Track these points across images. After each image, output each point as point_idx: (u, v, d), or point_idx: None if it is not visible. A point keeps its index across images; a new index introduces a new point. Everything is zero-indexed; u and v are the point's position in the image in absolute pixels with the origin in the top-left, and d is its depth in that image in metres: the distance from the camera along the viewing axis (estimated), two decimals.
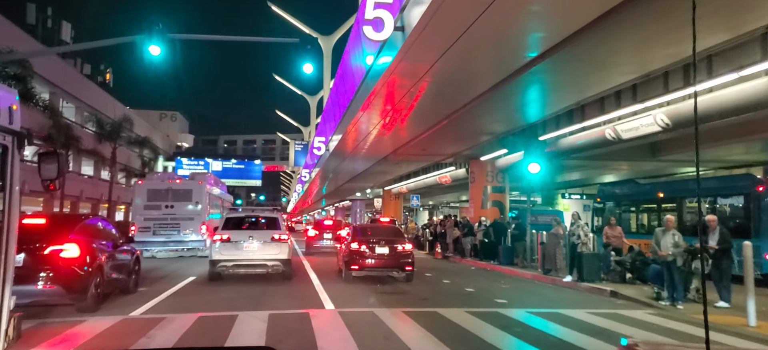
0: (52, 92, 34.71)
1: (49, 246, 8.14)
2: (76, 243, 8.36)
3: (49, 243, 8.17)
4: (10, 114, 4.27)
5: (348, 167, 28.85)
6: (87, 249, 8.57)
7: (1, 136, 4.14)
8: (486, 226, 20.11)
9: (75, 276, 8.19)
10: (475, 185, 23.39)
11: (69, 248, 8.27)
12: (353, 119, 18.54)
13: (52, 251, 8.13)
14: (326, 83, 40.61)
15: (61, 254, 8.16)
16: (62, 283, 8.03)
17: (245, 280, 13.04)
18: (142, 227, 18.77)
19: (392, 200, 42.02)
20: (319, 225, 24.35)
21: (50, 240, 8.21)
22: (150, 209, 19.08)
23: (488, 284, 13.95)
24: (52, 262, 8.05)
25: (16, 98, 4.49)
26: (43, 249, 8.05)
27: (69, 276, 8.12)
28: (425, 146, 20.33)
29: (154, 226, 18.86)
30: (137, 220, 19.16)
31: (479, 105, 14.99)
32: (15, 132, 4.31)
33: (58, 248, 8.18)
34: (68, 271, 8.14)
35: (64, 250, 8.20)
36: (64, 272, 8.09)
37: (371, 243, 13.08)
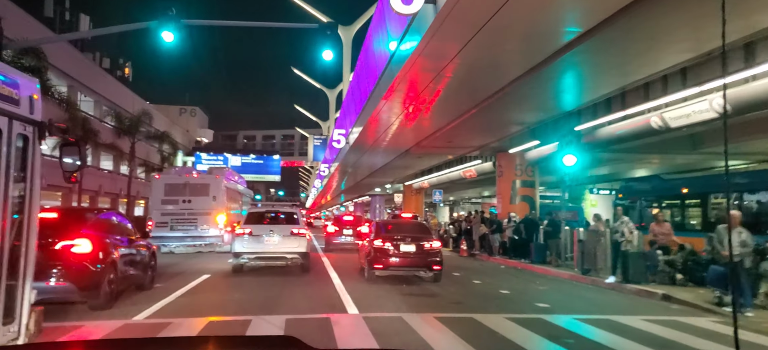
0: (70, 85, 34.39)
1: (61, 241, 7.78)
2: (88, 238, 8.05)
3: (60, 238, 7.80)
4: (31, 104, 4.16)
5: (368, 161, 27.92)
6: (100, 245, 8.29)
7: (22, 126, 4.03)
8: (516, 222, 19.00)
9: (87, 272, 7.88)
10: (502, 179, 22.24)
11: (81, 243, 7.94)
12: (375, 109, 17.58)
13: (64, 247, 7.79)
14: (346, 76, 39.69)
15: (73, 250, 7.84)
16: (74, 280, 7.73)
17: (262, 278, 12.65)
18: (159, 222, 18.43)
19: (413, 195, 40.98)
20: (338, 221, 23.45)
21: (61, 235, 7.85)
22: (167, 203, 18.75)
23: (523, 285, 12.88)
24: (64, 258, 7.72)
25: (37, 87, 4.36)
26: (53, 244, 7.66)
27: (81, 273, 7.81)
28: (450, 137, 19.27)
29: (171, 221, 18.53)
30: (154, 215, 18.86)
31: (511, 92, 13.93)
32: (36, 122, 4.21)
33: (69, 243, 7.85)
34: (80, 267, 7.82)
35: (75, 245, 7.88)
36: (75, 268, 7.77)
37: (396, 240, 12.10)
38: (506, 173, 21.98)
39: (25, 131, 4.10)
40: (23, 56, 23.04)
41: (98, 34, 23.25)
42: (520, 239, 18.07)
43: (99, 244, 8.26)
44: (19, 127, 4.07)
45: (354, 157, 26.80)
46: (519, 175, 21.66)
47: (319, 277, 13.33)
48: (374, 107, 17.46)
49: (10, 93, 3.97)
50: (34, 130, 4.21)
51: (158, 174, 22.73)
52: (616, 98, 15.16)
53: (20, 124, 4.07)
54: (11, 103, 3.97)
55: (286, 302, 9.63)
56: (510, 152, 21.05)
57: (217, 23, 16.71)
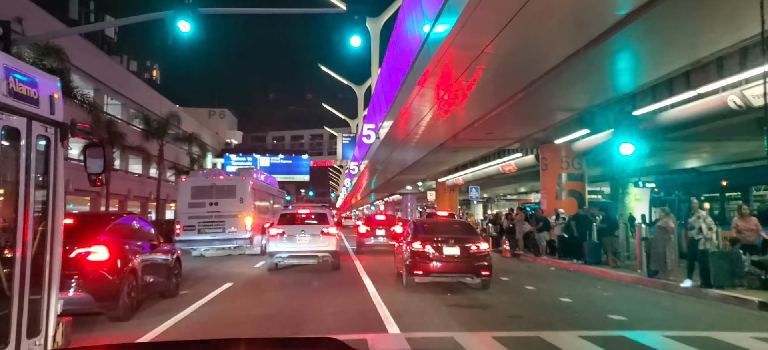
0: (97, 88, 34.01)
1: (76, 249, 7.33)
2: (105, 245, 7.63)
3: (75, 246, 7.34)
4: (51, 103, 4.00)
5: (399, 157, 26.53)
6: (118, 252, 7.88)
7: (43, 127, 3.88)
8: (565, 219, 17.34)
9: (104, 281, 7.46)
10: (547, 173, 20.56)
11: (97, 250, 7.52)
12: (407, 99, 16.21)
13: (79, 255, 7.35)
14: (374, 70, 38.39)
15: (89, 258, 7.43)
16: (90, 290, 7.30)
17: (289, 286, 11.77)
18: (186, 225, 18.10)
19: (446, 192, 39.42)
20: (370, 221, 22.12)
21: (77, 242, 7.39)
22: (194, 207, 18.34)
23: (584, 290, 11.30)
24: (79, 266, 7.29)
25: (58, 86, 4.19)
26: (69, 252, 7.10)
27: (97, 282, 7.39)
28: (490, 128, 17.72)
29: (198, 224, 18.11)
30: (182, 218, 18.41)
31: (558, 75, 12.43)
32: (57, 123, 4.06)
33: (85, 250, 7.42)
34: (96, 276, 7.41)
35: (91, 253, 7.46)
36: (91, 277, 7.37)
37: (438, 243, 10.67)
38: (551, 167, 20.29)
39: (46, 133, 3.92)
40: (45, 57, 22.48)
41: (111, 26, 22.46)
42: (570, 237, 16.41)
43: (117, 251, 7.84)
44: (40, 128, 3.86)
45: (384, 153, 25.45)
46: (565, 168, 19.95)
47: (351, 284, 12.03)
48: (406, 98, 16.09)
49: (28, 92, 3.79)
50: (56, 131, 4.01)
51: (185, 177, 22.43)
52: (679, 78, 13.43)
53: (40, 125, 3.87)
54: (30, 102, 3.78)
55: (315, 317, 8.34)
56: (555, 143, 19.36)
57: (234, 11, 15.67)
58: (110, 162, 4.79)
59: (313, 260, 14.29)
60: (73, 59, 30.70)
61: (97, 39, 36.09)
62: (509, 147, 22.80)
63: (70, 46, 30.30)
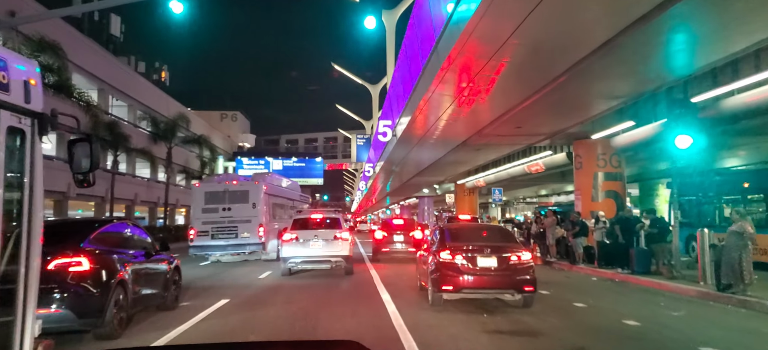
0: (101, 88, 32.81)
1: (55, 259, 6.54)
2: (87, 255, 6.83)
3: (55, 255, 6.56)
4: (26, 90, 3.46)
5: (416, 157, 24.74)
6: (104, 262, 7.11)
7: (15, 118, 3.38)
8: (605, 222, 15.42)
9: (87, 295, 6.72)
10: (582, 172, 18.61)
11: (79, 261, 6.72)
12: (426, 92, 14.47)
13: (59, 266, 6.57)
14: (389, 66, 36.70)
15: (71, 269, 6.65)
16: (71, 305, 6.54)
17: (296, 301, 10.38)
18: (200, 231, 18.11)
19: (466, 195, 37.51)
20: (387, 225, 20.34)
21: (57, 252, 6.62)
22: (208, 212, 18.28)
23: (648, 309, 9.40)
24: (59, 279, 6.52)
25: (37, 71, 3.67)
26: (47, 263, 6.32)
27: (79, 297, 6.66)
28: (520, 122, 15.87)
29: (212, 229, 18.06)
30: (196, 224, 18.37)
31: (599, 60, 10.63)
32: (34, 113, 3.54)
33: (65, 261, 6.64)
34: (78, 290, 6.67)
35: (73, 264, 6.68)
36: (73, 291, 6.62)
37: (470, 252, 8.86)
38: (586, 165, 18.33)
39: (20, 124, 3.40)
40: (40, 53, 21.13)
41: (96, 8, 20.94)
42: (614, 243, 14.49)
43: (103, 261, 7.07)
44: (11, 119, 3.34)
45: (401, 152, 23.67)
46: (602, 166, 17.98)
47: (367, 300, 10.29)
48: (426, 89, 14.34)
49: None
50: (34, 123, 3.50)
51: (198, 182, 22.22)
52: (747, 59, 11.53)
53: (12, 115, 3.35)
54: None
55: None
56: (592, 138, 17.39)
57: None
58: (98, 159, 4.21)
59: (326, 265, 14.22)
60: (75, 58, 29.45)
61: (102, 38, 34.91)
62: (538, 144, 20.86)
63: (73, 44, 29.09)
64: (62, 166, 30.02)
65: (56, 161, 28.07)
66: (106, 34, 35.97)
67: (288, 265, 14.14)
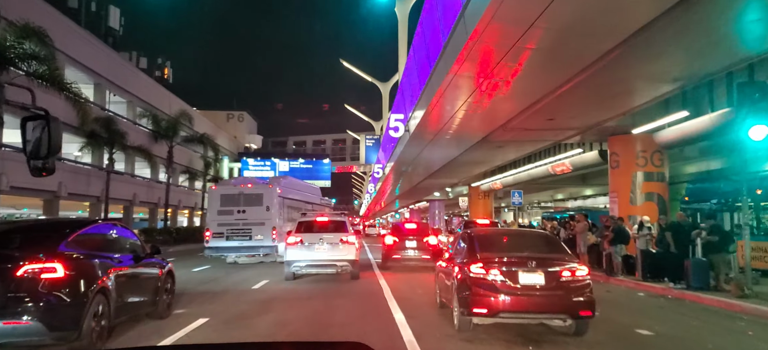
0: (97, 83, 31.19)
1: (26, 264, 5.83)
2: (63, 260, 6.07)
3: (26, 260, 5.87)
4: None
5: (430, 156, 22.80)
6: (82, 267, 6.41)
7: None
8: (650, 229, 13.41)
9: (61, 305, 5.94)
10: (618, 172, 16.56)
11: (53, 267, 5.94)
12: (443, 81, 12.62)
13: (29, 272, 5.84)
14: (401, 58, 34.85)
15: (43, 276, 5.86)
16: (42, 317, 5.75)
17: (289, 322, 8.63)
18: (216, 232, 18.56)
19: (480, 199, 35.52)
20: (398, 230, 18.41)
21: (29, 256, 5.93)
22: (223, 214, 18.67)
23: (732, 340, 7.41)
24: (29, 287, 5.77)
25: None
26: (16, 269, 5.76)
27: (51, 307, 5.86)
28: (553, 113, 13.84)
29: (227, 231, 18.46)
30: (211, 225, 18.85)
31: (650, 35, 8.73)
32: None
33: (37, 266, 5.86)
34: (51, 299, 5.87)
35: (46, 270, 5.90)
36: (44, 300, 5.83)
37: (510, 265, 6.92)
38: (624, 164, 16.28)
39: None
40: (24, 40, 19.48)
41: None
42: (665, 253, 12.47)
43: (81, 267, 6.38)
44: None
45: (414, 151, 21.75)
46: (642, 165, 15.92)
47: (375, 320, 8.44)
48: (443, 77, 12.45)
49: None
50: None
51: (214, 185, 22.51)
52: None
53: None
54: None
55: None
56: (633, 132, 15.33)
57: None
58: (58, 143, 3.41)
59: (331, 269, 13.71)
60: (69, 50, 27.81)
61: (99, 31, 33.34)
62: (567, 141, 18.81)
63: (66, 35, 27.50)
64: None
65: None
66: (105, 27, 34.43)
67: (292, 269, 13.60)
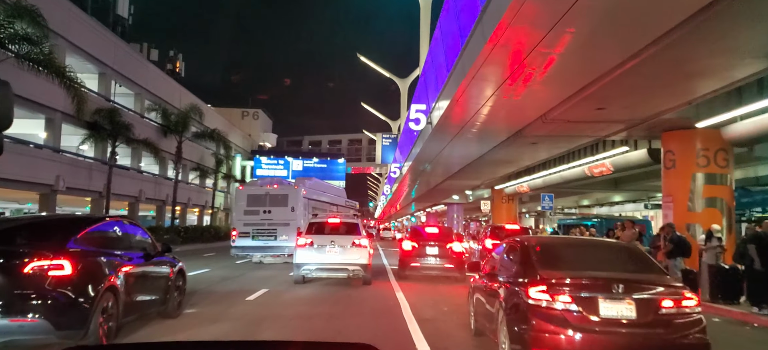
0: (102, 72, 29.69)
1: (33, 261, 5.72)
2: (71, 257, 5.90)
3: (34, 257, 5.76)
4: None
5: (453, 153, 20.76)
6: (91, 265, 6.26)
7: None
8: (721, 240, 11.23)
9: (68, 303, 5.79)
10: (674, 173, 14.35)
11: (61, 264, 5.79)
12: (474, 62, 10.65)
13: (37, 269, 5.71)
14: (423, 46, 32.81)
15: (50, 273, 5.73)
16: (48, 314, 5.64)
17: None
18: (242, 232, 18.91)
19: (504, 203, 33.33)
20: (417, 234, 16.37)
21: (36, 252, 5.80)
22: (249, 214, 19.00)
23: None
24: (36, 284, 5.67)
25: None
26: (24, 265, 5.67)
27: (59, 305, 5.72)
28: (604, 101, 11.72)
29: (252, 231, 18.77)
30: (238, 225, 19.23)
31: None
32: None
33: (45, 263, 5.73)
34: (58, 297, 5.73)
35: (53, 267, 5.76)
36: (51, 298, 5.70)
37: (587, 290, 4.88)
38: (681, 164, 14.07)
39: None
40: (15, 19, 17.95)
41: None
42: (748, 270, 10.29)
43: (89, 264, 6.24)
44: None
45: (435, 147, 19.74)
46: (703, 165, 13.70)
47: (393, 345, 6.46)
48: (476, 54, 10.46)
49: None
50: None
51: (241, 185, 22.74)
52: None
53: None
54: None
55: None
56: (697, 126, 13.13)
57: None
58: (8, 115, 3.31)
59: (343, 273, 13.13)
60: (71, 36, 26.34)
61: (107, 19, 31.91)
62: (611, 137, 16.59)
63: (69, 20, 26.00)
64: (49, 154, 26.81)
65: (43, 150, 25.05)
66: (113, 15, 33.05)
67: (302, 272, 13.14)
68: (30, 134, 24.78)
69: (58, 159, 25.12)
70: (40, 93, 22.34)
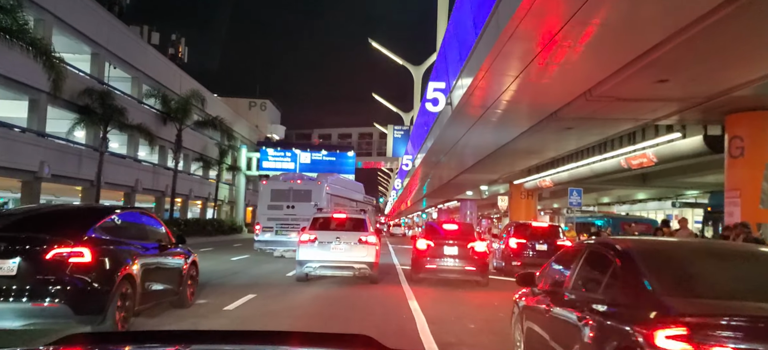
0: (95, 53, 27.83)
1: (54, 248, 5.93)
2: (91, 246, 6.15)
3: (55, 244, 5.96)
4: None
5: (473, 141, 18.60)
6: (109, 254, 6.46)
7: None
8: None
9: (87, 290, 6.04)
10: (742, 162, 12.06)
11: (80, 251, 6.01)
12: (508, 24, 8.50)
13: (58, 256, 5.93)
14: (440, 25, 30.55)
15: (71, 260, 5.94)
16: (69, 300, 5.84)
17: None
18: (266, 226, 19.16)
19: (523, 198, 31.08)
20: (433, 232, 14.19)
21: (58, 240, 6.01)
22: (273, 209, 19.31)
23: None
24: (57, 270, 5.89)
25: None
26: (45, 252, 5.90)
27: (78, 291, 5.94)
28: (668, 71, 9.49)
29: (276, 226, 18.96)
30: (262, 220, 19.51)
31: None
32: None
33: (65, 250, 5.95)
34: (78, 283, 5.97)
35: (73, 254, 5.96)
36: (71, 284, 5.92)
37: (756, 336, 2.75)
38: (751, 151, 11.78)
39: None
40: None
41: None
42: None
43: (108, 253, 6.42)
44: None
45: (454, 133, 17.59)
46: None
47: None
48: (510, 15, 8.31)
49: None
50: None
51: (265, 180, 23.22)
52: None
53: None
54: None
55: None
56: None
57: None
58: None
59: (348, 271, 12.49)
60: (59, 12, 24.48)
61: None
62: (662, 121, 14.24)
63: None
64: (33, 139, 24.84)
65: (26, 133, 23.21)
66: None
67: (305, 269, 12.48)
68: (12, 117, 22.97)
69: (42, 144, 23.31)
70: (24, 72, 20.52)
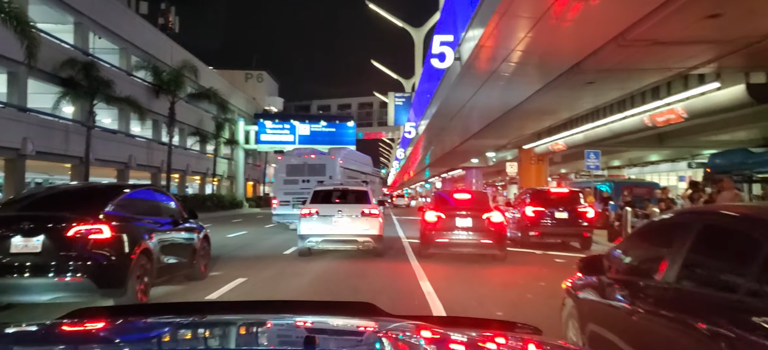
0: (78, 22, 26.25)
1: (76, 226, 6.23)
2: (109, 223, 6.44)
3: (76, 222, 6.26)
4: None
5: (482, 101, 17.19)
6: (127, 230, 6.75)
7: None
8: None
9: (108, 264, 6.34)
10: None
11: (100, 228, 6.30)
12: None
13: (78, 232, 6.21)
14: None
15: (91, 236, 6.24)
16: (91, 274, 6.16)
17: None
18: (282, 200, 19.63)
19: (533, 164, 29.71)
20: (443, 202, 12.84)
21: (78, 218, 6.31)
22: (289, 183, 19.79)
23: None
24: (79, 246, 6.18)
25: None
26: (67, 229, 6.20)
27: (100, 265, 6.26)
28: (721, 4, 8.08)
29: (292, 200, 18.95)
30: (278, 194, 20.07)
31: None
32: None
33: (86, 227, 6.24)
34: (99, 258, 6.27)
35: (94, 231, 6.26)
36: (93, 259, 6.23)
37: None
38: None
39: None
40: None
41: None
42: None
43: (126, 229, 6.71)
44: None
45: (463, 93, 16.17)
46: None
47: None
48: None
49: None
50: None
51: (281, 155, 23.60)
52: None
53: None
54: None
55: None
56: None
57: None
58: None
59: (351, 245, 12.15)
60: None
61: None
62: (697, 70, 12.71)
63: None
64: (15, 114, 23.10)
65: (7, 109, 21.85)
66: None
67: (307, 244, 12.13)
68: None
69: (25, 120, 21.96)
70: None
